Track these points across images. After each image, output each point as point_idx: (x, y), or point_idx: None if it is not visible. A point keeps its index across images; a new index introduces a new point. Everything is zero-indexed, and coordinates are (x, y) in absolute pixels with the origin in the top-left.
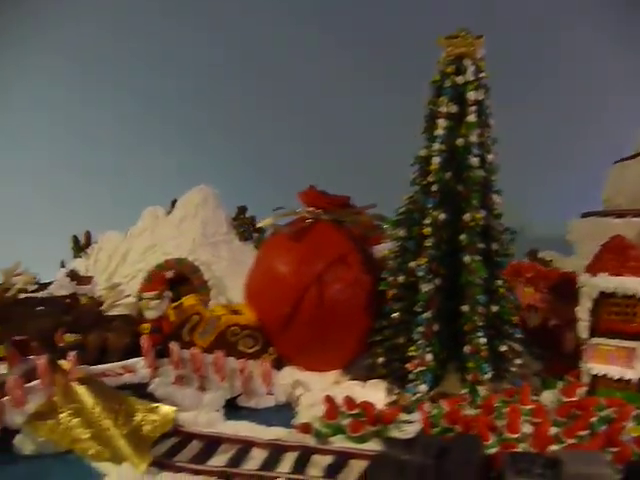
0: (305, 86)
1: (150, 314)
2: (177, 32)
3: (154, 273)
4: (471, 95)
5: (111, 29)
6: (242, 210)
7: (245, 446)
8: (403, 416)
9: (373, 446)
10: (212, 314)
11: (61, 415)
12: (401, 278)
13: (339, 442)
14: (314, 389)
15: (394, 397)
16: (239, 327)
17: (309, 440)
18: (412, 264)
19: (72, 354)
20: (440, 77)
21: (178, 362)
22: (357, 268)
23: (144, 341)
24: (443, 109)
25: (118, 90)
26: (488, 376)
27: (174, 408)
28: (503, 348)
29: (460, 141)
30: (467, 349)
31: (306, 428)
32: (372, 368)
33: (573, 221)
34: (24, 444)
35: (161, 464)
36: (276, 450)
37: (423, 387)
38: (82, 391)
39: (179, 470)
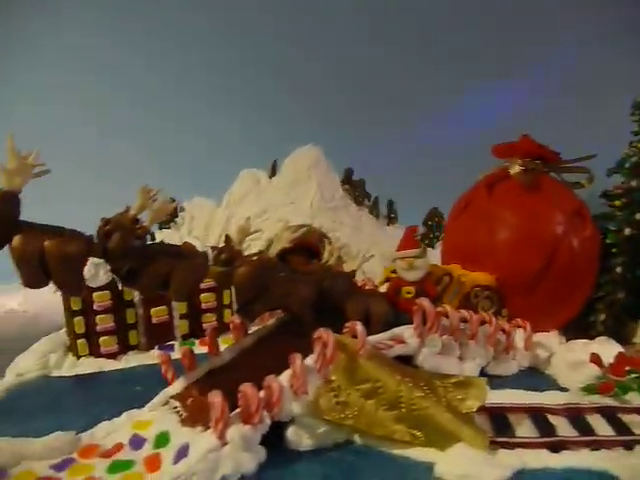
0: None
1: (410, 275)
2: None
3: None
4: None
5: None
6: (350, 173)
7: (537, 414)
8: None
9: None
10: (460, 274)
11: (348, 398)
12: (627, 231)
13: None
14: (558, 351)
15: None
16: (481, 288)
17: (604, 401)
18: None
19: (359, 326)
20: None
21: (445, 329)
22: (590, 221)
23: (416, 307)
24: None
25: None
26: None
27: (484, 379)
28: None
29: None
30: None
31: (607, 388)
32: (591, 326)
33: None
34: (300, 438)
35: (493, 441)
36: (573, 414)
37: None
38: (372, 368)
39: (514, 446)
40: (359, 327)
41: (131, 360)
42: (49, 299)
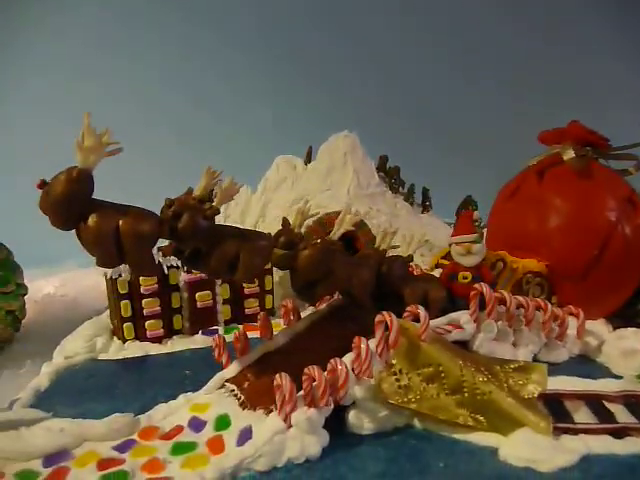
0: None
1: (467, 261)
2: None
3: (312, 229)
4: None
5: None
6: (385, 160)
7: (594, 400)
8: None
9: None
10: (512, 260)
11: (410, 382)
12: None
13: None
14: (610, 338)
15: None
16: (533, 275)
17: None
18: None
19: (421, 310)
20: None
21: (500, 315)
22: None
23: (474, 292)
24: None
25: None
26: None
27: (544, 364)
28: None
29: None
30: None
31: None
32: (637, 314)
33: None
34: (362, 421)
35: (555, 427)
36: (630, 401)
37: None
38: (434, 352)
39: (577, 432)
40: (422, 311)
41: (176, 344)
42: (87, 284)
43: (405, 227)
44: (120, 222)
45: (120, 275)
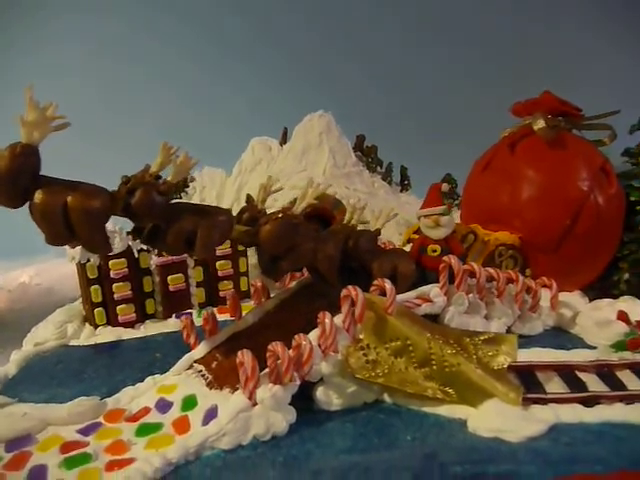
0: None
1: (436, 233)
2: None
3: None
4: None
5: None
6: (362, 139)
7: (566, 371)
8: None
9: None
10: (485, 233)
11: (378, 357)
12: None
13: None
14: (584, 310)
15: None
16: (505, 247)
17: (634, 357)
18: None
19: (387, 283)
20: None
21: (471, 288)
22: (615, 178)
23: (442, 265)
24: None
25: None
26: None
27: (515, 335)
28: None
29: None
30: None
31: (636, 344)
32: (614, 285)
33: None
34: (330, 398)
35: (525, 397)
36: (602, 370)
37: None
38: (402, 326)
39: (547, 402)
40: (388, 284)
41: (149, 328)
42: (63, 272)
43: (384, 206)
44: (69, 198)
45: (89, 260)
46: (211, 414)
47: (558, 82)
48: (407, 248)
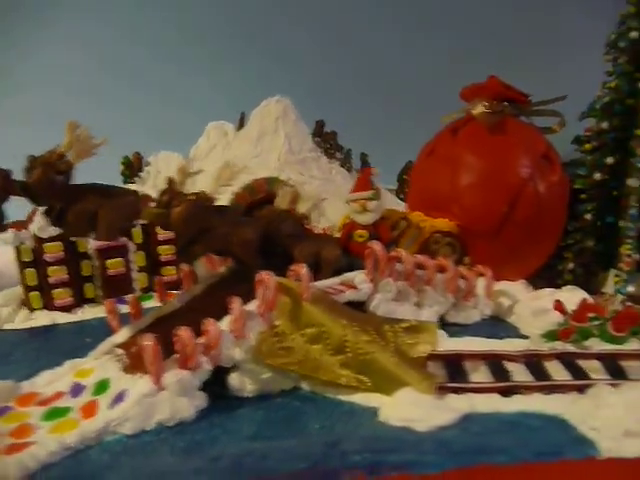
0: None
1: (363, 218)
2: None
3: (240, 196)
4: None
5: None
6: (321, 125)
7: (494, 360)
8: None
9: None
10: (420, 220)
11: (293, 343)
12: (597, 176)
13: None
14: (522, 299)
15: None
16: (441, 234)
17: (564, 347)
18: (610, 159)
19: (302, 269)
20: None
21: (400, 275)
22: (559, 165)
23: (367, 251)
24: None
25: None
26: None
27: (436, 323)
28: None
29: None
30: None
31: (567, 334)
32: (559, 274)
33: None
34: (243, 384)
35: (443, 387)
36: (531, 360)
37: (630, 287)
38: (317, 313)
39: (465, 391)
40: (303, 270)
41: (87, 313)
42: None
43: (340, 193)
44: None
45: (23, 243)
46: (119, 398)
47: (518, 67)
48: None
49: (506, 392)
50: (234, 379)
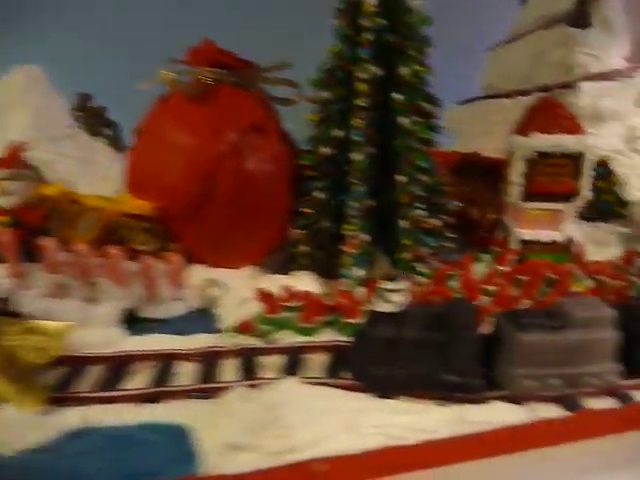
0: None
1: (5, 201)
2: None
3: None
4: None
5: None
6: (85, 98)
7: (166, 361)
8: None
9: (327, 337)
10: (93, 203)
11: None
12: (324, 150)
13: (286, 338)
14: (233, 288)
15: (327, 287)
16: (135, 219)
17: (248, 342)
18: (336, 132)
19: None
20: None
21: (54, 266)
22: (275, 138)
23: (3, 238)
24: None
25: None
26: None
27: (68, 323)
28: (437, 222)
29: None
30: (404, 224)
31: (248, 327)
32: (292, 259)
33: (451, 109)
34: None
35: (56, 399)
36: (210, 359)
37: (359, 271)
38: None
39: (85, 402)
40: None
41: None
42: None
43: (103, 173)
44: None
45: None
46: None
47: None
48: None
49: (151, 399)
50: None
